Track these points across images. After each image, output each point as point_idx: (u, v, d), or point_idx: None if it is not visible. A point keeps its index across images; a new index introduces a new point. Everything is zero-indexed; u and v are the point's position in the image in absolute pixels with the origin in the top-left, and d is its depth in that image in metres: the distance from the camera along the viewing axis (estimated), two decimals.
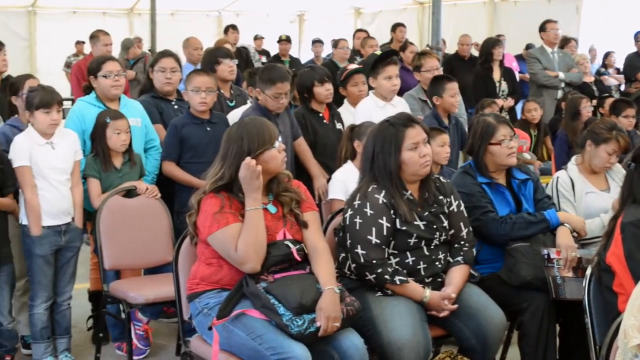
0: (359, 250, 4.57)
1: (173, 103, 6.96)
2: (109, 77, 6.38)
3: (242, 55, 13.50)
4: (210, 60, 7.53)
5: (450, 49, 14.56)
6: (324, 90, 6.89)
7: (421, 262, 4.69)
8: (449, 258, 4.82)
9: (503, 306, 4.77)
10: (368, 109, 6.88)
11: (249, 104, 7.03)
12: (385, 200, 4.63)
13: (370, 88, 7.34)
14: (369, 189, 4.67)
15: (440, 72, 8.18)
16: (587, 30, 17.49)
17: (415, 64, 8.41)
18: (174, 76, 6.89)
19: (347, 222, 4.68)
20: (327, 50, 16.25)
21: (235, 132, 4.44)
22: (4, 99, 6.42)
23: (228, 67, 7.46)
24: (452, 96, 7.14)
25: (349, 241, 4.64)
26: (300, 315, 4.13)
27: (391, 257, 4.65)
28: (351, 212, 4.68)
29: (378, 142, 4.71)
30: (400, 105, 7.12)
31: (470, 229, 4.94)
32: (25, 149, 5.59)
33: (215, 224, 4.29)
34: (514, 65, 12.59)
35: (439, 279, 4.75)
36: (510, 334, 5.40)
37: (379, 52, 8.11)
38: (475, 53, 12.29)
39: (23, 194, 5.61)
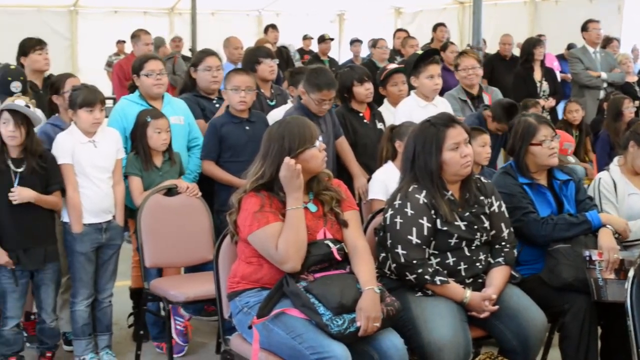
0: (400, 250, 4.56)
1: (214, 102, 6.98)
2: (150, 76, 6.42)
3: (283, 54, 13.52)
4: (251, 60, 7.54)
5: (491, 48, 14.48)
6: (364, 90, 6.87)
7: (462, 263, 4.67)
8: (489, 259, 4.79)
9: (544, 308, 4.74)
10: (409, 109, 6.86)
11: (289, 104, 7.04)
12: (425, 200, 4.61)
13: (411, 88, 7.32)
14: (410, 189, 4.66)
15: (477, 71, 8.09)
16: (630, 29, 17.32)
17: (454, 64, 8.39)
18: (219, 74, 6.92)
19: (388, 222, 4.67)
20: (364, 51, 16.22)
21: (277, 131, 4.44)
22: (45, 98, 6.47)
23: (269, 67, 7.46)
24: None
25: (389, 241, 4.63)
26: (340, 315, 4.13)
27: (432, 258, 4.63)
28: (392, 212, 4.67)
29: (419, 142, 4.70)
30: (441, 105, 7.08)
31: (512, 229, 4.90)
32: (67, 147, 5.65)
33: (255, 223, 4.30)
34: (555, 65, 12.49)
35: (480, 280, 4.73)
36: (551, 336, 5.37)
37: (420, 52, 8.08)
38: (517, 53, 12.22)
39: (65, 191, 5.66)
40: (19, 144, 5.51)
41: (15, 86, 6.09)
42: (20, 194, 5.47)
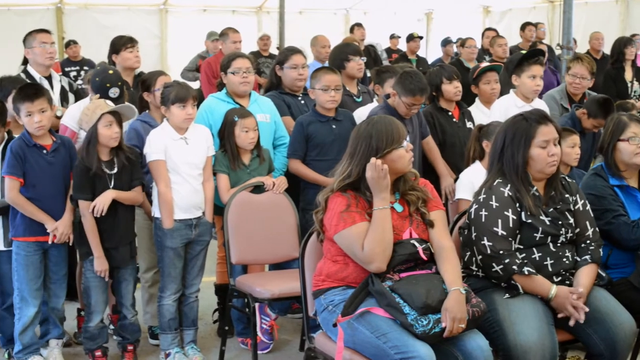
0: (485, 242, 4.52)
1: (300, 98, 7.01)
2: (237, 74, 6.47)
3: (370, 53, 13.50)
4: (339, 57, 7.56)
5: (582, 48, 14.27)
6: (453, 88, 6.86)
7: (548, 258, 4.61)
8: (576, 257, 4.72)
9: (633, 312, 4.65)
10: (505, 108, 6.82)
11: (374, 103, 7.02)
12: (510, 193, 4.58)
13: (504, 87, 7.26)
14: (495, 183, 4.63)
15: (584, 83, 7.84)
16: None
17: (567, 64, 8.24)
18: (305, 72, 6.95)
19: (473, 216, 4.64)
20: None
21: (365, 130, 4.44)
22: (136, 95, 6.55)
23: (357, 65, 7.47)
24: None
25: (474, 234, 4.59)
26: (425, 315, 4.12)
27: (517, 253, 4.58)
28: (476, 206, 4.64)
29: (509, 134, 4.66)
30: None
31: (597, 229, 4.82)
32: (160, 144, 5.73)
33: (341, 223, 4.31)
34: None
35: (567, 282, 4.65)
36: None
37: (524, 52, 7.98)
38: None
39: (157, 187, 5.75)
40: (117, 143, 5.62)
41: (114, 92, 6.20)
42: (99, 204, 5.58)
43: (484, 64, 7.60)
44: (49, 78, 7.12)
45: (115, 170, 5.65)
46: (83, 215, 5.62)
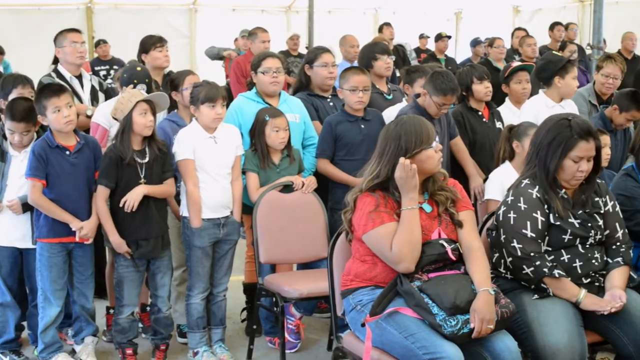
0: (515, 244, 4.50)
1: (328, 99, 7.00)
2: (267, 74, 6.48)
3: (399, 53, 13.47)
4: (367, 56, 7.54)
5: (611, 48, 14.17)
6: (483, 88, 6.84)
7: (577, 260, 4.58)
8: (606, 259, 4.68)
9: None
10: (536, 108, 6.79)
11: (404, 102, 7.01)
12: (539, 195, 4.56)
13: (533, 88, 7.24)
14: (522, 185, 4.61)
15: (616, 82, 7.81)
16: None
17: (598, 64, 8.20)
18: (335, 71, 6.95)
19: (501, 219, 4.62)
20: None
21: (393, 130, 4.44)
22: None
23: (385, 64, 7.46)
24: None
25: (503, 237, 4.57)
26: (454, 315, 4.11)
27: (546, 255, 4.55)
28: (504, 208, 4.62)
29: (549, 135, 4.62)
30: (569, 108, 6.94)
31: (626, 230, 4.79)
32: (189, 143, 5.74)
33: (370, 223, 4.31)
34: None
35: (596, 283, 4.62)
36: None
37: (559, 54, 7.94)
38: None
39: (185, 186, 5.76)
40: (151, 133, 5.64)
41: (141, 88, 6.23)
42: (130, 200, 5.59)
43: (515, 64, 7.58)
44: (79, 77, 7.14)
45: (147, 159, 5.66)
46: (95, 200, 5.64)
